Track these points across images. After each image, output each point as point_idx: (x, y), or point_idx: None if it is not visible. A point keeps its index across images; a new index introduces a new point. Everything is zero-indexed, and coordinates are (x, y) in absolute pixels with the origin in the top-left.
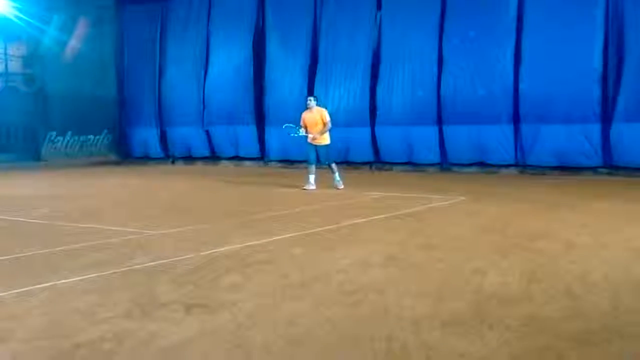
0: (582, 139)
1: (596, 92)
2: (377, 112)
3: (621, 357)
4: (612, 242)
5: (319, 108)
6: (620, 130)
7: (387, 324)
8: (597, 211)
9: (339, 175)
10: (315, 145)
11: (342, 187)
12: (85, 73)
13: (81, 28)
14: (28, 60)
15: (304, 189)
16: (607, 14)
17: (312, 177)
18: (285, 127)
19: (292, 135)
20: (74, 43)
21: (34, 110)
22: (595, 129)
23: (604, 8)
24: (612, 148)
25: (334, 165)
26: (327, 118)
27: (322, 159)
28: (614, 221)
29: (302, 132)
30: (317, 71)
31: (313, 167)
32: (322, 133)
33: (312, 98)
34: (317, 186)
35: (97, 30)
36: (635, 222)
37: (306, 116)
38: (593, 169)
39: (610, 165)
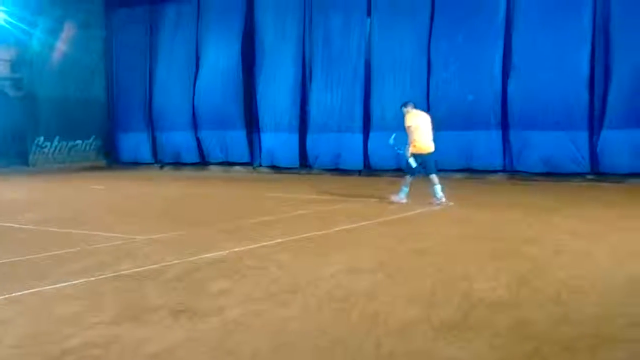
0: (571, 145)
1: (584, 99)
2: (371, 119)
3: None
4: (600, 248)
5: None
6: (608, 137)
7: (377, 330)
8: (586, 217)
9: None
10: (428, 154)
11: (445, 201)
12: (74, 77)
13: (69, 31)
14: (16, 64)
15: (394, 201)
16: (595, 21)
17: (407, 189)
18: (393, 143)
19: (397, 150)
20: (62, 47)
21: (22, 114)
22: (583, 136)
23: (591, 15)
24: (600, 155)
25: (435, 176)
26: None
27: (431, 167)
28: (602, 227)
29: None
30: (307, 77)
31: (412, 179)
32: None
33: (408, 103)
34: (299, 191)
35: (85, 34)
36: (623, 228)
37: (419, 121)
38: (581, 175)
39: (597, 172)
